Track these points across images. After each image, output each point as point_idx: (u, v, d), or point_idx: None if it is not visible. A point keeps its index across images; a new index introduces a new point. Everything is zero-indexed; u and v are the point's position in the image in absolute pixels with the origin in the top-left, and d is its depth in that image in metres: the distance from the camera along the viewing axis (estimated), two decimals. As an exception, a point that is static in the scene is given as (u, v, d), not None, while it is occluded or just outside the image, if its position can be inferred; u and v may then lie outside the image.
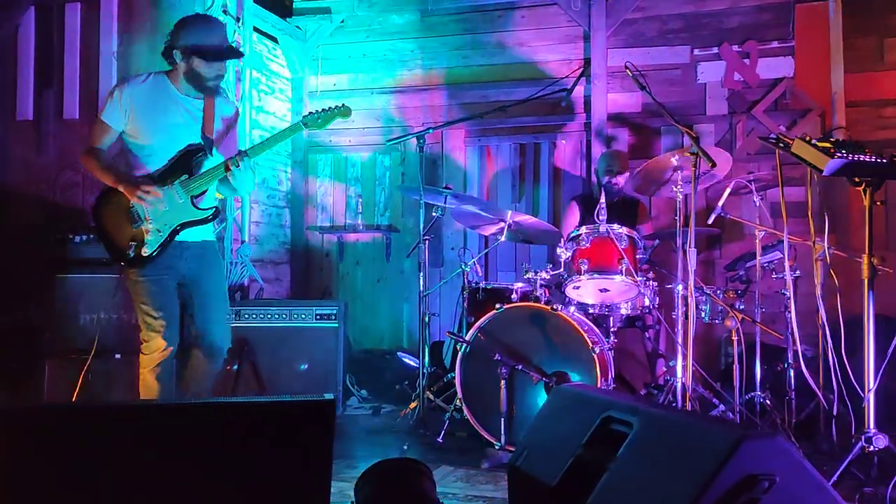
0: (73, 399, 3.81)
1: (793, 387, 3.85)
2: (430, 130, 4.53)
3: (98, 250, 4.19)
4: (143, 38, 5.16)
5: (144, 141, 3.14)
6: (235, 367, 4.29)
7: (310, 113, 3.28)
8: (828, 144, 2.74)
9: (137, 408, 2.08)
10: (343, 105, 3.27)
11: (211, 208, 3.21)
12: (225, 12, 5.05)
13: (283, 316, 4.51)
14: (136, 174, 3.14)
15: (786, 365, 3.90)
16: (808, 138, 2.81)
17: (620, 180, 4.79)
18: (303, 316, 4.52)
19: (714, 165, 3.48)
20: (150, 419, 1.93)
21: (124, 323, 4.24)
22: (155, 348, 3.09)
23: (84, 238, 4.30)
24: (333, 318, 4.52)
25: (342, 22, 6.12)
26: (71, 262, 4.27)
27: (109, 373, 4.16)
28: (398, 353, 5.42)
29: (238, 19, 5.17)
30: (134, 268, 3.10)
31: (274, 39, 5.94)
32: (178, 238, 3.14)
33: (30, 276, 4.49)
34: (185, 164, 3.14)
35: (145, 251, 3.08)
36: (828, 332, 3.21)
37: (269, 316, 4.50)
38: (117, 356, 4.16)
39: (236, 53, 3.28)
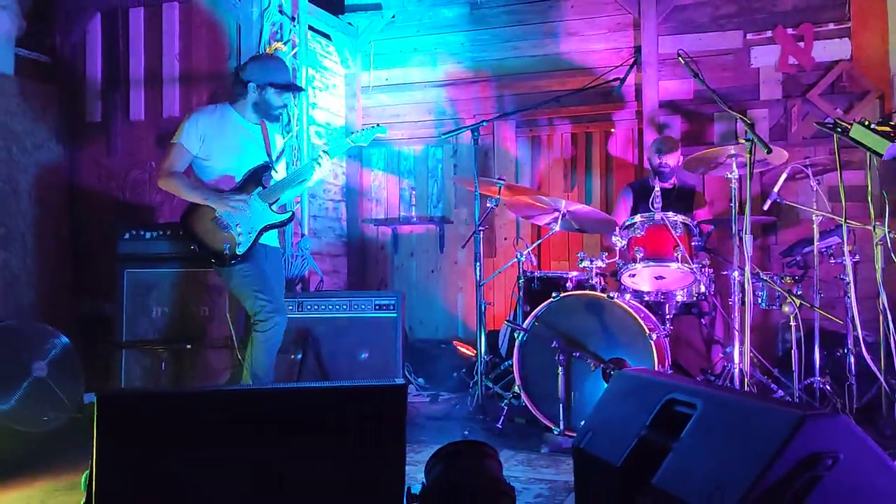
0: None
1: (853, 372, 3.83)
2: (484, 123, 4.61)
3: (164, 245, 4.42)
4: (202, 41, 5.34)
5: (216, 163, 3.65)
6: (299, 356, 4.44)
7: (353, 132, 3.89)
8: (888, 128, 2.73)
9: (228, 393, 2.22)
10: (378, 124, 3.89)
11: (289, 213, 3.82)
12: (281, 11, 5.19)
13: (344, 306, 4.65)
14: (223, 188, 3.65)
15: (846, 350, 3.89)
16: (866, 122, 2.80)
17: (670, 160, 4.76)
18: (362, 306, 4.65)
19: (770, 152, 3.47)
20: (239, 403, 2.07)
21: (193, 315, 4.43)
22: (270, 326, 3.55)
23: (153, 234, 4.50)
24: (392, 307, 4.64)
25: (393, 17, 6.23)
26: (140, 257, 4.48)
27: (180, 362, 4.37)
28: (454, 343, 5.52)
29: (293, 18, 5.31)
30: (233, 265, 3.58)
31: (327, 36, 6.07)
32: (261, 242, 3.66)
33: (105, 270, 4.72)
34: (257, 178, 3.66)
35: (239, 250, 3.58)
36: (889, 317, 3.20)
37: (329, 307, 4.64)
38: (187, 346, 4.36)
39: (300, 89, 4.14)
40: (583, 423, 2.45)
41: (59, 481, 3.11)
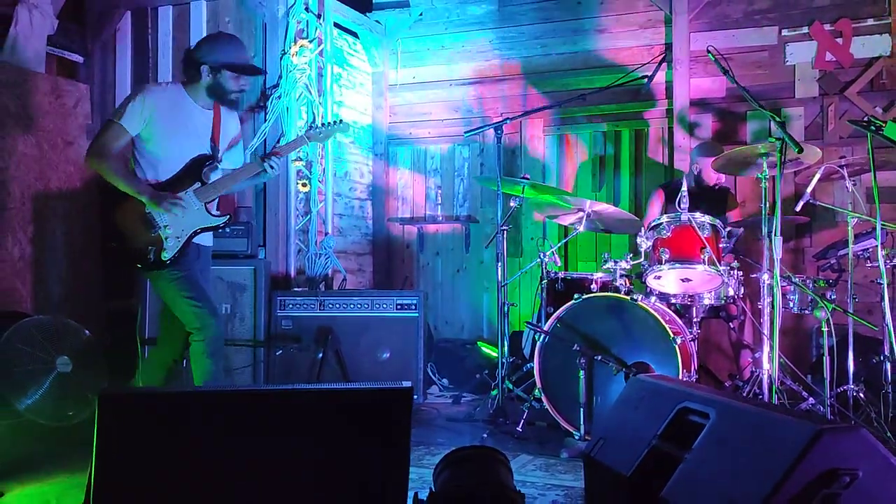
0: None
1: (889, 380, 3.69)
2: (508, 121, 4.54)
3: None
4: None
5: (157, 147, 3.30)
6: (320, 354, 4.42)
7: (311, 126, 3.60)
8: (924, 127, 2.61)
9: (229, 393, 2.20)
10: (341, 120, 3.58)
11: (226, 215, 3.46)
12: (307, 9, 5.18)
13: (365, 305, 4.62)
14: (144, 178, 3.31)
15: (882, 357, 3.74)
16: (902, 121, 2.68)
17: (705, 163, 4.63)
18: (384, 305, 4.62)
19: (801, 151, 3.35)
20: (242, 403, 2.04)
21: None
22: (209, 334, 3.26)
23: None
24: (413, 307, 4.61)
25: (420, 15, 6.18)
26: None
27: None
28: (478, 343, 5.47)
29: (319, 16, 5.30)
30: (155, 270, 3.29)
31: (354, 34, 6.06)
32: (194, 241, 3.35)
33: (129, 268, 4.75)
34: (196, 172, 3.34)
35: (164, 255, 3.27)
36: (925, 324, 3.07)
37: (351, 305, 4.62)
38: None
39: (258, 71, 3.61)
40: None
41: (74, 478, 3.12)
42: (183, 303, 3.28)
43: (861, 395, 3.73)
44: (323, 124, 3.50)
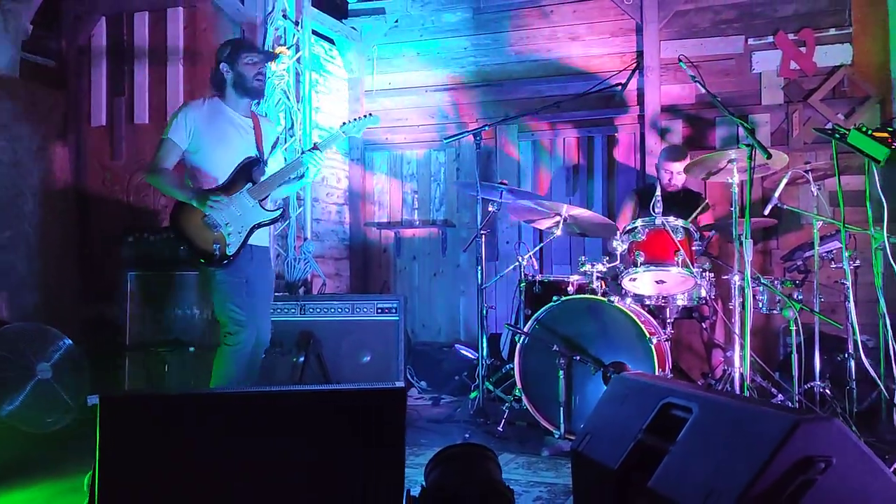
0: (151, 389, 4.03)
1: (853, 377, 3.83)
2: (486, 127, 4.64)
3: (168, 249, 4.45)
4: (207, 46, 5.37)
5: (205, 157, 3.54)
6: (301, 358, 4.46)
7: (344, 122, 3.72)
8: (885, 134, 2.75)
9: (226, 395, 2.25)
10: (371, 114, 3.76)
11: (278, 209, 3.66)
12: (285, 16, 5.22)
13: (346, 309, 4.68)
14: (203, 186, 3.52)
15: (846, 355, 3.89)
16: (864, 128, 2.82)
17: (679, 168, 4.75)
18: (364, 309, 4.68)
19: (769, 157, 3.49)
20: (238, 405, 2.09)
21: (197, 318, 4.46)
22: (239, 340, 3.44)
23: (158, 237, 4.53)
24: (394, 311, 4.67)
25: (396, 22, 6.26)
26: (144, 260, 4.51)
27: (184, 365, 4.39)
28: (456, 346, 5.54)
29: (297, 23, 5.34)
30: (219, 268, 3.47)
31: (331, 41, 6.11)
32: (249, 242, 3.53)
33: (110, 273, 4.75)
34: (247, 174, 3.54)
35: (229, 250, 3.46)
36: (888, 322, 3.21)
37: (332, 310, 4.67)
38: (191, 349, 4.38)
39: (271, 55, 3.97)
40: (582, 426, 2.47)
41: (62, 483, 3.13)
42: (225, 306, 3.46)
43: (827, 391, 3.87)
44: (355, 119, 3.67)
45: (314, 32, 5.67)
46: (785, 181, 4.01)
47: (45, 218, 5.17)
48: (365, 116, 3.69)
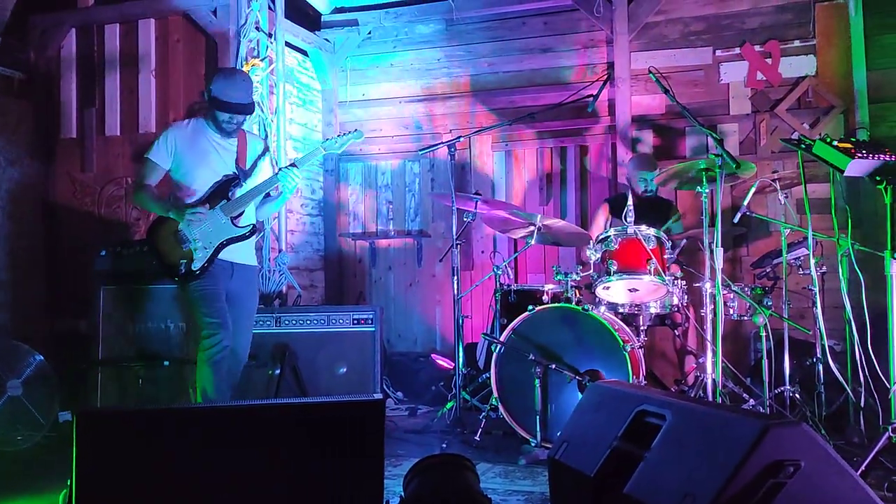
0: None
1: (822, 381, 3.91)
2: (461, 139, 4.68)
3: (141, 262, 4.41)
4: (179, 57, 5.36)
5: (186, 175, 3.67)
6: (277, 371, 4.44)
7: (327, 139, 3.84)
8: (848, 145, 2.83)
9: (205, 410, 2.24)
10: (355, 130, 3.81)
11: (248, 226, 3.69)
12: (258, 28, 5.22)
13: (322, 321, 4.67)
14: (186, 202, 3.63)
15: (814, 359, 3.97)
16: (829, 139, 2.90)
17: (649, 177, 4.82)
18: (340, 320, 4.67)
19: (739, 167, 3.56)
20: (217, 419, 2.09)
21: (171, 332, 4.43)
22: (213, 343, 3.51)
23: (131, 251, 4.49)
24: (370, 322, 4.67)
25: (369, 33, 6.28)
26: (117, 274, 4.46)
27: (157, 379, 4.35)
28: (432, 356, 5.56)
29: (270, 35, 5.34)
30: (188, 281, 3.55)
31: (304, 53, 6.11)
32: (229, 259, 3.63)
33: (80, 287, 4.70)
34: (223, 191, 3.64)
35: (194, 266, 3.55)
36: (854, 327, 3.29)
37: (307, 321, 4.66)
38: (165, 363, 4.35)
39: (249, 110, 3.73)
40: (559, 434, 2.49)
41: (35, 501, 3.09)
42: (199, 315, 3.55)
43: (797, 395, 3.95)
44: (338, 135, 3.75)
45: (287, 44, 5.68)
46: (753, 190, 4.09)
47: (14, 231, 5.11)
48: (349, 133, 3.76)
